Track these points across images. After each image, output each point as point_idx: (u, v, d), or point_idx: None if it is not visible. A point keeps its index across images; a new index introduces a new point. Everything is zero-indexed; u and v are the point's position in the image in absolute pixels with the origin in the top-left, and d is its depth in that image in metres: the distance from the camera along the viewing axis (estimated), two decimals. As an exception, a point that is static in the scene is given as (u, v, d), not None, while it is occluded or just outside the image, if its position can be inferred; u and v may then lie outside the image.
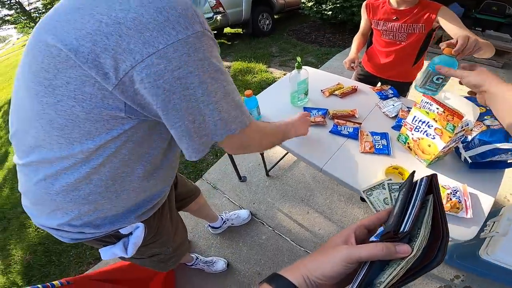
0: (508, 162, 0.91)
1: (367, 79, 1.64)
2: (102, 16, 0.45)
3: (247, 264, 1.61)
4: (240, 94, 0.61)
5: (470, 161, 0.94)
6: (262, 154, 1.93)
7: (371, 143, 1.10)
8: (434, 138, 0.92)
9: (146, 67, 0.45)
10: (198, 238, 1.80)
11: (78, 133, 0.52)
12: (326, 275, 0.32)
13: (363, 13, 1.48)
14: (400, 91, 1.41)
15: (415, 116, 0.97)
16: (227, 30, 5.83)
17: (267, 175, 2.13)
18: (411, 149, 1.04)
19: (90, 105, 0.49)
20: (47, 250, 1.97)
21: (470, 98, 0.88)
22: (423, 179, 0.37)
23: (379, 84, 1.59)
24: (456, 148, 1.00)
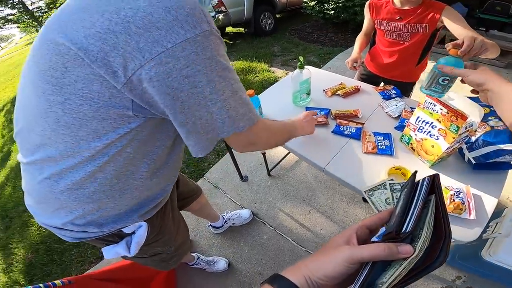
0: (512, 163, 0.90)
1: (370, 79, 1.63)
2: (111, 15, 0.45)
3: (248, 264, 1.61)
4: (243, 93, 0.61)
5: (474, 162, 0.93)
6: (264, 153, 1.93)
7: (373, 143, 1.10)
8: (437, 139, 0.91)
9: (155, 66, 0.46)
10: (200, 237, 1.79)
11: (85, 131, 0.52)
12: (328, 275, 0.32)
13: (366, 12, 1.47)
14: (403, 91, 1.40)
15: (418, 117, 0.96)
16: (229, 29, 5.82)
17: (269, 174, 2.12)
18: (414, 149, 1.03)
19: (98, 103, 0.49)
20: (49, 249, 1.98)
21: (474, 98, 0.87)
22: (425, 179, 0.37)
23: (382, 84, 1.58)
24: (460, 149, 0.99)
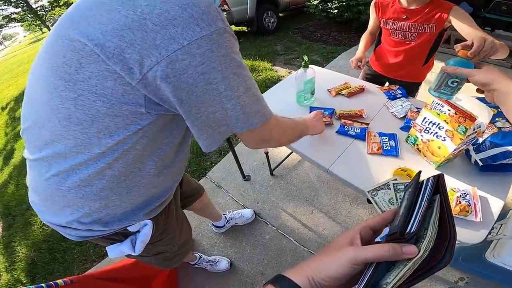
0: (519, 165, 0.88)
1: (375, 79, 1.61)
2: (128, 11, 0.45)
3: (250, 264, 1.61)
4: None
5: (481, 163, 0.92)
6: (266, 153, 1.92)
7: (378, 144, 1.08)
8: (444, 140, 0.90)
9: (171, 63, 0.46)
10: (202, 237, 1.79)
11: (96, 128, 0.52)
12: (332, 276, 0.32)
13: (372, 12, 1.46)
14: (408, 91, 1.38)
15: (425, 117, 0.95)
16: (231, 28, 5.78)
17: (271, 174, 2.12)
18: (420, 150, 1.02)
19: (111, 100, 0.50)
20: (51, 248, 1.98)
21: (482, 99, 0.86)
22: (429, 179, 0.37)
23: (387, 83, 1.57)
24: (466, 150, 0.98)
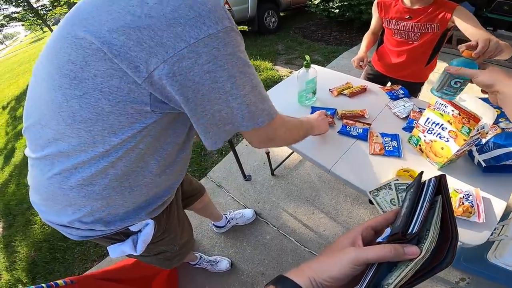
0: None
1: (377, 79, 1.60)
2: (135, 9, 0.45)
3: (250, 264, 1.60)
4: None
5: (484, 164, 0.91)
6: (267, 153, 1.91)
7: (381, 144, 1.08)
8: (447, 141, 0.89)
9: (178, 61, 0.46)
10: (202, 237, 1.79)
11: (101, 126, 0.52)
12: (333, 277, 0.32)
13: (375, 11, 1.45)
14: (411, 91, 1.37)
15: (428, 118, 0.94)
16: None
17: (272, 174, 2.11)
18: (422, 151, 1.01)
19: (116, 98, 0.49)
20: (52, 247, 1.98)
21: (486, 99, 0.85)
22: (431, 179, 0.37)
23: (389, 83, 1.56)
24: (469, 151, 0.97)
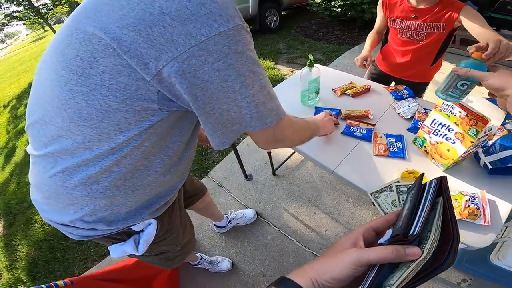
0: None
1: (381, 79, 1.59)
2: (146, 5, 0.44)
3: (251, 264, 1.60)
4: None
5: (490, 166, 0.90)
6: (269, 152, 1.90)
7: (385, 145, 1.06)
8: (454, 143, 0.87)
9: (188, 59, 0.46)
10: (203, 237, 1.78)
11: (107, 123, 0.51)
12: (335, 278, 0.32)
13: (379, 10, 1.43)
14: (415, 91, 1.35)
15: (434, 119, 0.93)
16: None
17: (274, 174, 2.10)
18: (428, 152, 1.00)
19: (124, 95, 0.49)
20: (52, 247, 1.97)
21: (493, 100, 0.83)
22: (432, 181, 0.37)
23: (393, 83, 1.54)
24: (475, 153, 0.96)
